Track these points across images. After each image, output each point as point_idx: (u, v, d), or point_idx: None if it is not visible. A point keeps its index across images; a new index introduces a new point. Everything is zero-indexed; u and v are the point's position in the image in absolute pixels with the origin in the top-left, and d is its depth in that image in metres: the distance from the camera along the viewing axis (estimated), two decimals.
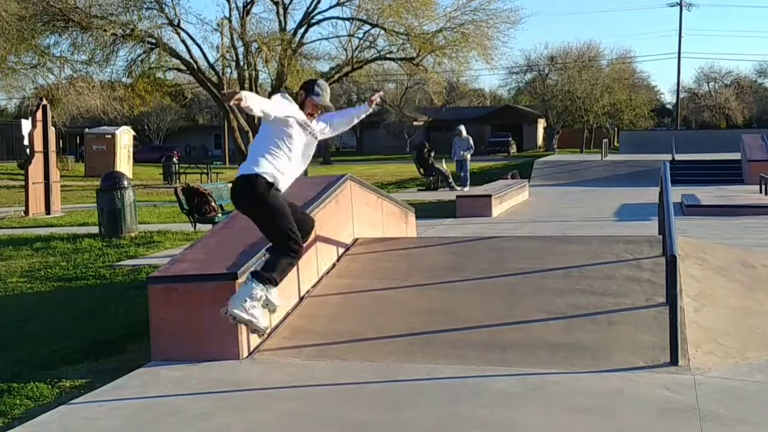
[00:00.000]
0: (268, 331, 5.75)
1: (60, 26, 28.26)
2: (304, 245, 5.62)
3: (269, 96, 8.23)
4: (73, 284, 9.11)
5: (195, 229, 12.97)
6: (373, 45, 30.75)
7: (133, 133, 35.75)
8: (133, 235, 12.45)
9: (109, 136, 33.24)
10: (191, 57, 30.11)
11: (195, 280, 5.84)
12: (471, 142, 23.24)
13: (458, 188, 22.75)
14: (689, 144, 34.68)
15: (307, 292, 6.91)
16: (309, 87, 5.57)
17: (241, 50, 30.17)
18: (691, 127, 67.60)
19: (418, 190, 25.02)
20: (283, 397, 5.03)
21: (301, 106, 5.50)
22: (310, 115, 5.53)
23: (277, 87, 30.62)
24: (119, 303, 7.99)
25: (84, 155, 36.74)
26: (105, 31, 27.84)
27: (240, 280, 5.73)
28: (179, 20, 29.40)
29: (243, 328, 5.73)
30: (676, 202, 14.82)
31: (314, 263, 7.17)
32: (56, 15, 27.58)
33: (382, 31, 29.57)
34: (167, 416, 4.69)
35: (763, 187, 18.68)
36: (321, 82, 5.68)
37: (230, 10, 30.24)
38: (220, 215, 12.52)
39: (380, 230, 9.10)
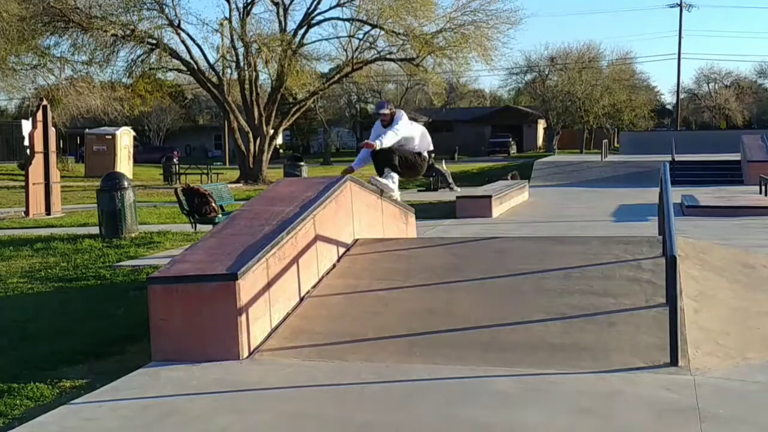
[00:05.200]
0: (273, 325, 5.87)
1: (60, 27, 28.29)
2: None
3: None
4: (74, 285, 9.11)
5: (195, 229, 12.97)
6: (373, 46, 30.80)
7: (133, 133, 35.74)
8: (133, 235, 12.45)
9: (110, 137, 33.24)
10: (191, 57, 30.15)
11: (195, 281, 5.84)
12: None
13: (458, 189, 22.77)
14: (689, 145, 34.67)
15: (308, 292, 6.91)
16: None
17: (241, 51, 30.25)
18: (691, 128, 67.63)
19: (419, 190, 25.03)
20: (283, 398, 5.03)
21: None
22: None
23: (278, 87, 30.69)
24: (119, 303, 7.99)
25: (84, 156, 36.73)
26: (105, 31, 27.86)
27: (240, 281, 5.74)
28: (179, 21, 29.49)
29: (243, 329, 5.75)
30: (676, 202, 14.83)
31: (315, 264, 7.18)
32: (57, 16, 27.62)
33: (382, 32, 29.61)
34: (167, 417, 4.69)
35: (763, 187, 18.68)
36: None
37: (230, 10, 30.33)
38: (220, 216, 12.52)
39: (380, 231, 9.10)
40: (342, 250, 7.90)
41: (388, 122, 9.28)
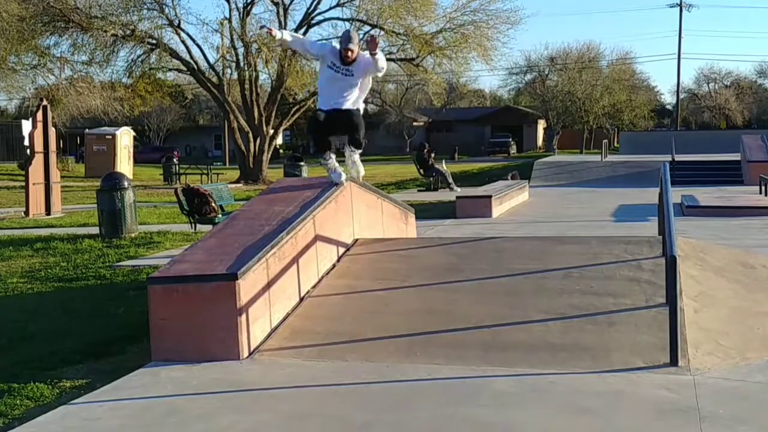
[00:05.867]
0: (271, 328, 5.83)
1: (60, 27, 28.30)
2: None
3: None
4: (74, 285, 9.11)
5: (195, 229, 12.97)
6: None
7: (133, 133, 35.76)
8: (133, 235, 12.44)
9: (110, 137, 33.23)
10: (191, 58, 30.15)
11: (195, 281, 5.85)
12: None
13: (458, 189, 22.76)
14: (689, 145, 34.64)
15: (308, 292, 6.92)
16: None
17: (241, 51, 30.24)
18: (690, 128, 67.56)
19: (419, 190, 25.03)
20: (283, 398, 5.03)
21: None
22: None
23: (278, 87, 30.68)
24: (119, 303, 7.99)
25: (84, 156, 36.74)
26: (105, 31, 27.87)
27: (240, 281, 5.74)
28: (179, 21, 29.49)
29: (243, 329, 5.74)
30: (676, 202, 14.81)
31: (314, 264, 7.18)
32: (56, 16, 27.62)
33: (382, 32, 29.58)
34: (167, 416, 4.69)
35: (763, 187, 18.66)
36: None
37: (230, 10, 30.31)
38: (220, 216, 12.52)
39: (380, 231, 9.10)
40: (342, 250, 7.90)
41: (351, 62, 7.44)
